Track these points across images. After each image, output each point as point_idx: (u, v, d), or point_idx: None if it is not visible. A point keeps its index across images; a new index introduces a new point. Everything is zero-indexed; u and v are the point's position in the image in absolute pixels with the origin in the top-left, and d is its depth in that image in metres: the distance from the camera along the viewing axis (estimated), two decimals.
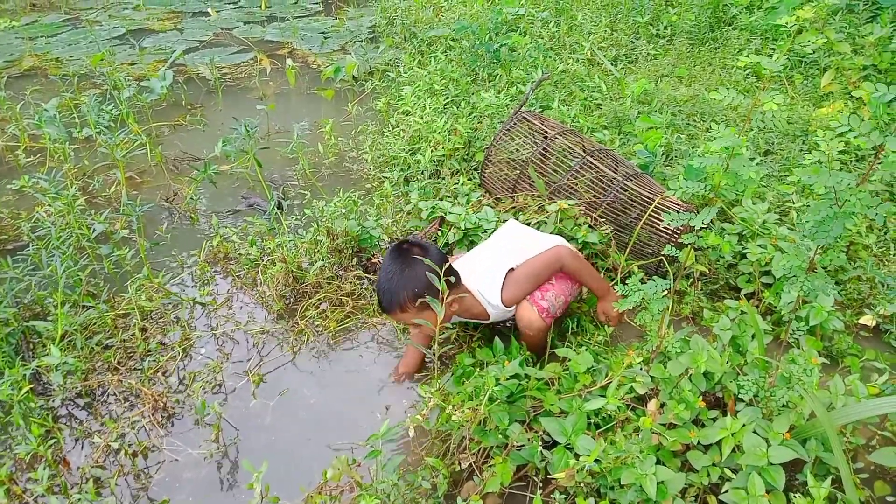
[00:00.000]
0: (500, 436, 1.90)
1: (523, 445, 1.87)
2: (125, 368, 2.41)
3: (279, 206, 3.39)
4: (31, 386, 2.22)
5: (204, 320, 2.69)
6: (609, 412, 1.90)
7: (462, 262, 2.41)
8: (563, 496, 1.74)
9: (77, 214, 2.92)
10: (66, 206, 2.86)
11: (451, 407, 1.90)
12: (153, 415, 2.23)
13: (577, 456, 1.79)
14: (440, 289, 1.90)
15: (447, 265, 1.97)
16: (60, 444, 2.13)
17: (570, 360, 2.04)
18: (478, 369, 2.12)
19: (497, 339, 2.24)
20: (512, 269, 2.26)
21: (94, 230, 2.85)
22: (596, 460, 1.71)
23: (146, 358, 2.44)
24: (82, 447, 2.14)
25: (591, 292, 2.47)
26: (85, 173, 3.80)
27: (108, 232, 2.96)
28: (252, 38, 6.14)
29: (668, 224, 1.81)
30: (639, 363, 1.89)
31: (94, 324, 2.57)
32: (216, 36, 6.29)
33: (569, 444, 1.82)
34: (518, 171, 3.06)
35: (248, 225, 3.05)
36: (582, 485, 1.76)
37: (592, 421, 1.92)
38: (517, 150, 3.15)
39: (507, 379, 1.95)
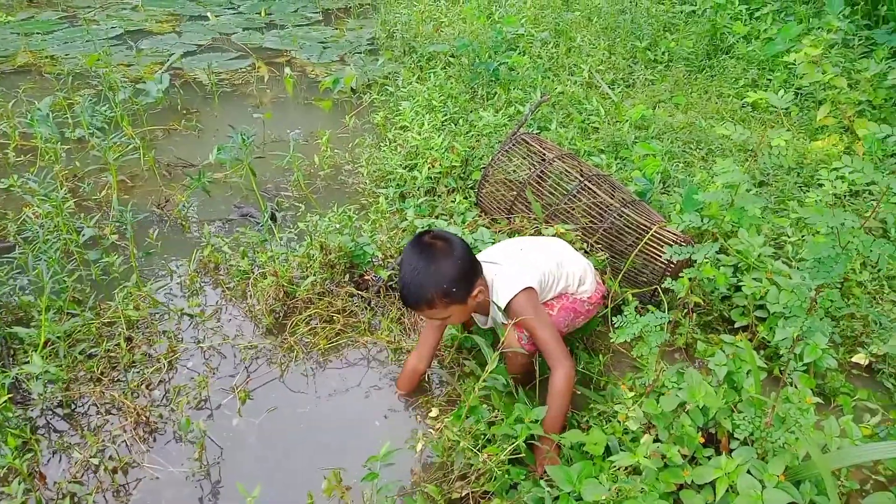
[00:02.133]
0: (507, 479, 1.86)
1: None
2: (108, 379, 2.36)
3: (272, 218, 3.35)
4: (10, 395, 2.16)
5: (191, 332, 2.64)
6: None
7: (488, 253, 2.38)
8: None
9: (66, 217, 2.87)
10: (55, 208, 2.81)
11: (475, 455, 1.85)
12: (135, 429, 2.17)
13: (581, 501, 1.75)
14: (468, 284, 1.98)
15: (473, 259, 2.01)
16: (37, 457, 2.07)
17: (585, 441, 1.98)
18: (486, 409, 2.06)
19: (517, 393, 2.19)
20: (532, 289, 2.17)
21: (84, 235, 2.80)
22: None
23: (130, 369, 2.38)
24: (60, 460, 2.08)
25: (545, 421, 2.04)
26: (76, 175, 3.74)
27: (98, 237, 2.90)
28: (251, 45, 6.11)
29: (670, 258, 1.79)
30: (630, 398, 1.86)
31: (79, 332, 2.51)
32: (214, 41, 6.26)
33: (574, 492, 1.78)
34: (515, 193, 3.04)
35: (241, 235, 3.01)
36: None
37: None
38: (514, 170, 3.14)
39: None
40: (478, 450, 1.84)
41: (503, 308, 2.15)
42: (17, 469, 1.95)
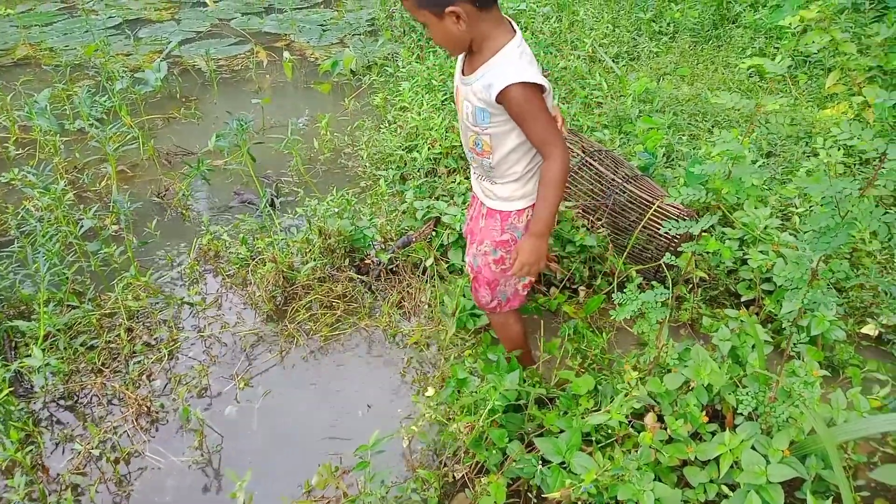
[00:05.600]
0: (496, 451, 1.84)
1: (521, 465, 1.81)
2: (109, 370, 2.36)
3: (271, 204, 3.33)
4: (12, 388, 2.17)
5: (192, 321, 2.63)
6: (610, 428, 1.85)
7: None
8: None
9: (65, 209, 2.86)
10: (55, 200, 2.80)
11: (453, 425, 1.84)
12: (136, 419, 2.17)
13: (573, 473, 1.73)
14: None
15: None
16: (40, 449, 2.08)
17: (570, 382, 1.98)
18: (476, 380, 2.05)
19: (497, 355, 2.15)
20: (540, 89, 1.69)
21: (82, 226, 2.79)
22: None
23: (131, 360, 2.38)
24: (63, 452, 2.08)
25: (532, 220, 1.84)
26: (76, 166, 3.73)
27: (97, 227, 2.90)
28: (250, 30, 6.06)
29: (668, 231, 1.75)
30: (635, 377, 1.83)
31: (79, 323, 2.51)
32: (213, 27, 6.21)
33: (564, 462, 1.76)
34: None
35: (240, 222, 2.99)
36: (579, 502, 1.71)
37: (594, 437, 1.86)
38: None
39: (506, 391, 1.89)
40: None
41: (492, 93, 1.67)
42: (20, 462, 1.96)
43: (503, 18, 1.73)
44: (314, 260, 2.71)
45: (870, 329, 2.46)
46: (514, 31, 1.73)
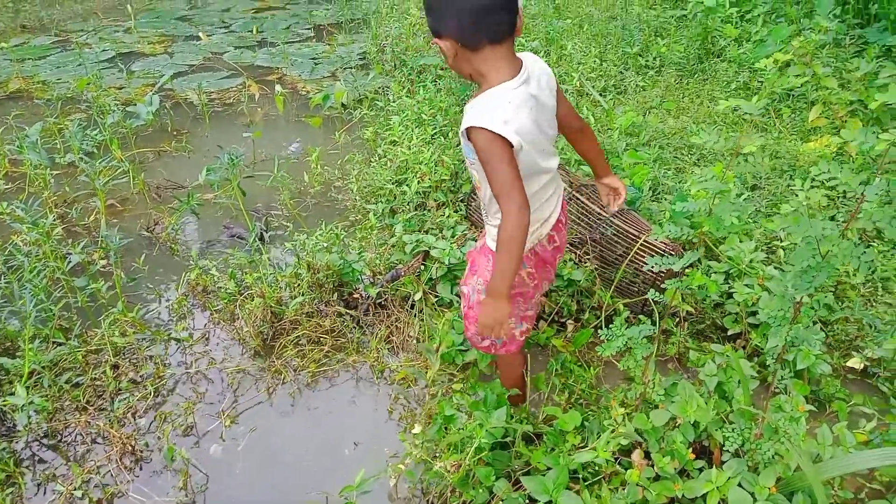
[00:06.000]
0: (483, 490, 1.83)
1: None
2: (94, 408, 2.34)
3: (261, 238, 3.33)
4: None
5: (179, 357, 2.62)
6: (597, 465, 1.84)
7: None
8: None
9: (53, 244, 2.86)
10: (43, 235, 2.80)
11: (438, 465, 1.83)
12: (120, 458, 2.15)
13: None
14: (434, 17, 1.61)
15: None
16: (21, 491, 2.05)
17: (557, 418, 1.97)
18: (463, 416, 2.04)
19: (485, 391, 2.14)
20: (502, 140, 1.58)
21: (70, 262, 2.78)
22: None
23: (116, 397, 2.36)
24: (44, 493, 2.06)
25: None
26: (65, 200, 3.74)
27: (85, 262, 2.89)
28: (242, 63, 6.13)
29: (652, 267, 1.76)
30: (622, 414, 1.83)
31: (65, 360, 2.49)
32: (206, 60, 6.27)
33: (550, 501, 1.75)
34: None
35: (229, 257, 2.99)
36: None
37: (581, 475, 1.85)
38: None
39: (494, 427, 1.88)
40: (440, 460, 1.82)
41: (462, 130, 1.65)
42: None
43: (510, 57, 1.66)
44: (302, 295, 2.71)
45: (855, 362, 2.47)
46: (517, 73, 1.65)
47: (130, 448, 2.18)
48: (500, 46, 1.63)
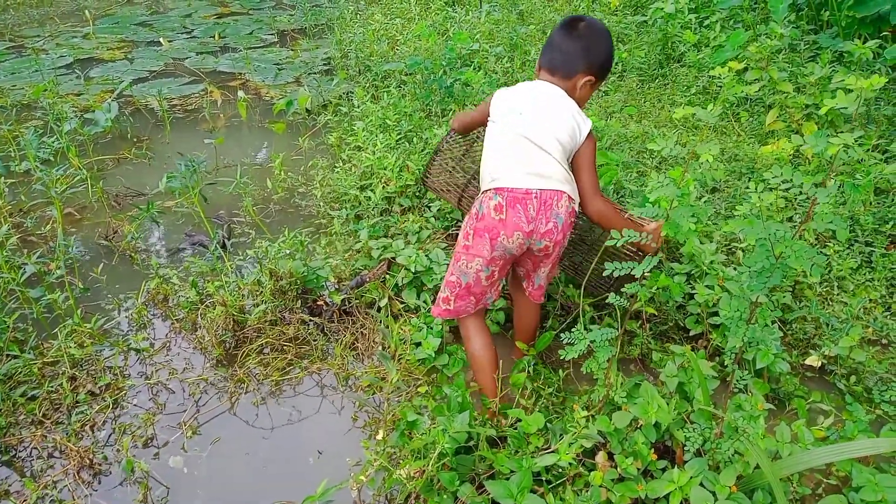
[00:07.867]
0: (448, 495, 1.83)
1: None
2: (51, 421, 2.28)
3: (223, 246, 3.29)
4: None
5: (139, 367, 2.56)
6: (561, 468, 1.85)
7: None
8: None
9: (7, 255, 2.78)
10: None
11: (399, 471, 1.82)
12: (78, 473, 2.10)
13: None
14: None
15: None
16: None
17: (520, 420, 1.98)
18: (427, 420, 2.03)
19: (448, 391, 2.14)
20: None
21: (24, 272, 2.71)
22: None
23: (74, 410, 2.31)
24: None
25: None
26: (21, 209, 3.64)
27: (41, 272, 2.82)
28: (204, 69, 6.05)
29: (612, 273, 1.78)
30: (584, 416, 1.84)
31: (19, 373, 2.42)
32: (167, 66, 6.18)
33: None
34: (468, 178, 2.91)
35: (190, 265, 2.95)
36: None
37: (544, 478, 1.86)
38: (462, 158, 2.98)
39: (457, 432, 1.88)
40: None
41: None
42: None
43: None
44: (265, 302, 2.67)
45: (813, 360, 2.53)
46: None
47: (88, 461, 2.12)
48: (539, 72, 2.36)
